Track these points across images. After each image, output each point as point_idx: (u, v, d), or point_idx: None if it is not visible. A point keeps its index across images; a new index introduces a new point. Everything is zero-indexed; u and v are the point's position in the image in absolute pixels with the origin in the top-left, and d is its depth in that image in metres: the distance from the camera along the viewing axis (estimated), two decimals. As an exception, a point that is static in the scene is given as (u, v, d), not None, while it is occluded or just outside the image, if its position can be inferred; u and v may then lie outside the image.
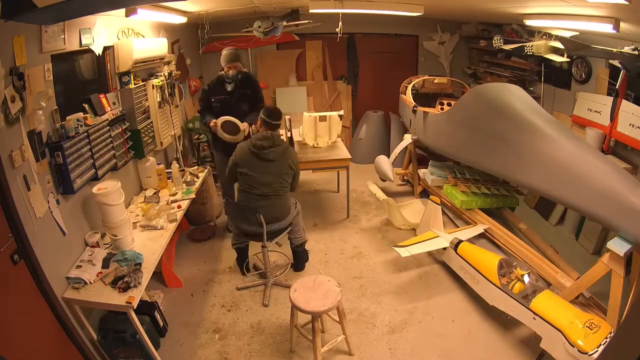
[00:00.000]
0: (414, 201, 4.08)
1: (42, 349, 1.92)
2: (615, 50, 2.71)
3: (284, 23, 3.84)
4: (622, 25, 2.33)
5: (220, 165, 3.49)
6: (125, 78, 3.01)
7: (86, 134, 2.35)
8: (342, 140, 4.30)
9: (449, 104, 4.41)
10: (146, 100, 3.26)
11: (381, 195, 3.93)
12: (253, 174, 2.71)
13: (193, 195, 3.16)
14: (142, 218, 2.79)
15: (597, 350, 1.77)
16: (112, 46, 2.84)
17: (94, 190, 2.31)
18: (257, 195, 2.73)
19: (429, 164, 4.13)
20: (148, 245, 2.50)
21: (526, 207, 4.16)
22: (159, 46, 3.39)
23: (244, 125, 3.27)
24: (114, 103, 2.82)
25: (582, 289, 2.26)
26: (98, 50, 2.60)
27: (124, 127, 2.85)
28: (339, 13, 3.56)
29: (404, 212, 3.74)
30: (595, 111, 3.39)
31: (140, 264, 2.27)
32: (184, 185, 3.30)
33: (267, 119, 2.77)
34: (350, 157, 3.85)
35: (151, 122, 3.30)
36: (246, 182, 2.74)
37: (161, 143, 3.48)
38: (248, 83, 3.42)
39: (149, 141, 3.24)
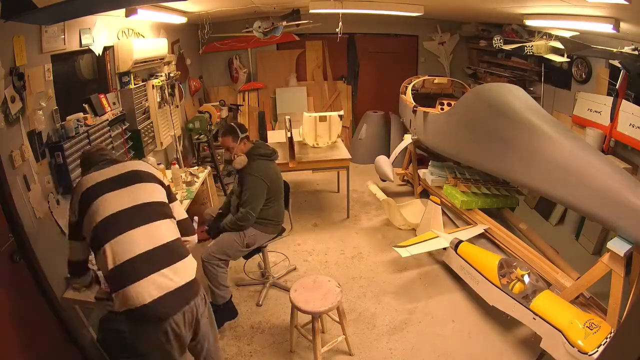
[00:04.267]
0: (414, 201, 4.08)
1: (42, 349, 1.92)
2: (615, 50, 2.71)
3: (284, 23, 3.84)
4: (622, 25, 2.33)
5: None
6: (125, 78, 3.01)
7: (86, 134, 2.36)
8: (342, 140, 4.30)
9: (449, 104, 4.41)
10: (146, 100, 3.26)
11: (381, 195, 3.93)
12: (277, 185, 2.66)
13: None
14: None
15: (597, 351, 1.77)
16: (112, 46, 2.84)
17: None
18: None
19: (429, 164, 4.12)
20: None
21: (526, 207, 4.16)
22: (159, 46, 3.40)
23: None
24: (114, 103, 2.83)
25: (582, 289, 2.25)
26: (98, 50, 2.60)
27: (124, 127, 2.85)
28: (339, 13, 3.56)
29: (404, 212, 3.74)
30: (595, 111, 3.39)
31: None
32: (184, 185, 3.30)
33: (242, 133, 2.57)
34: (350, 157, 3.85)
35: (151, 122, 3.31)
36: (276, 199, 2.66)
37: (161, 143, 3.48)
38: None
39: (149, 141, 3.24)
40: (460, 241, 2.88)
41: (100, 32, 2.60)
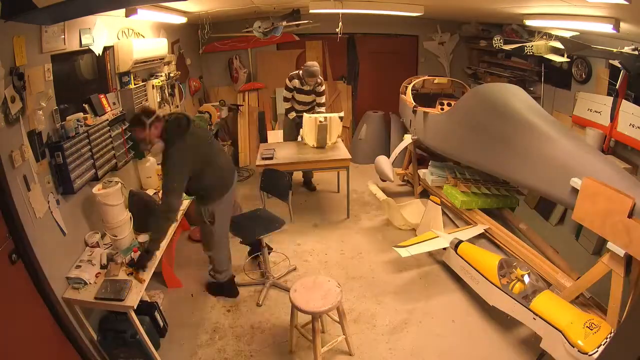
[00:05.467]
0: (414, 201, 4.08)
1: (41, 349, 1.92)
2: (615, 50, 2.71)
3: (284, 23, 3.84)
4: (622, 25, 2.33)
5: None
6: (125, 78, 3.01)
7: (86, 134, 2.35)
8: (342, 140, 4.30)
9: (449, 104, 4.41)
10: (146, 100, 3.26)
11: (381, 195, 3.93)
12: (203, 154, 2.44)
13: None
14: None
15: (597, 351, 1.77)
16: (112, 46, 2.84)
17: (94, 190, 2.31)
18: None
19: (429, 164, 4.12)
20: (148, 245, 2.48)
21: (526, 207, 4.16)
22: (159, 46, 3.39)
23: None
24: (114, 103, 2.82)
25: (582, 289, 2.25)
26: (98, 50, 2.60)
27: (124, 127, 2.85)
28: (339, 13, 3.56)
29: (404, 212, 3.73)
30: (595, 111, 3.39)
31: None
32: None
33: (148, 118, 2.27)
34: (350, 157, 3.85)
35: (151, 122, 3.30)
36: (208, 167, 2.47)
37: (161, 143, 3.48)
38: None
39: (149, 141, 3.23)
40: (460, 241, 2.88)
41: (100, 32, 2.60)
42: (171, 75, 3.74)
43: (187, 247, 3.62)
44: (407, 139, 4.28)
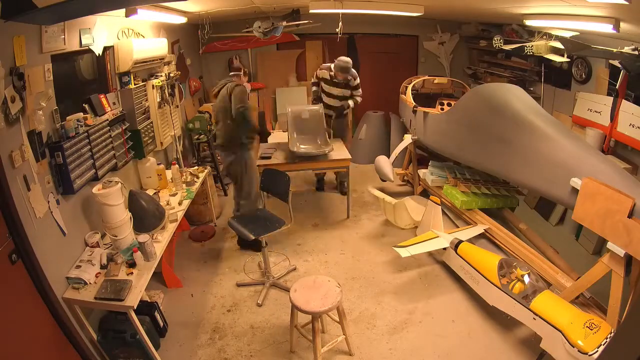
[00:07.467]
0: (406, 199, 4.02)
1: (41, 349, 1.92)
2: (615, 50, 2.70)
3: (284, 23, 3.84)
4: (622, 25, 2.33)
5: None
6: (125, 78, 3.01)
7: (86, 134, 2.35)
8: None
9: (449, 104, 4.41)
10: (146, 100, 3.26)
11: (390, 199, 3.85)
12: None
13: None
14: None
15: (597, 351, 1.77)
16: (112, 46, 2.84)
17: (94, 190, 2.31)
18: None
19: (429, 164, 4.12)
20: (148, 245, 2.48)
21: (526, 207, 4.16)
22: (159, 46, 3.39)
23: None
24: (114, 103, 2.82)
25: (582, 289, 2.25)
26: (98, 50, 2.60)
27: (124, 127, 2.85)
28: (339, 13, 3.56)
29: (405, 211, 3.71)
30: (595, 111, 3.39)
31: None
32: (184, 185, 3.30)
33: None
34: (350, 157, 3.85)
35: (151, 122, 3.30)
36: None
37: (161, 143, 3.48)
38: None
39: (149, 141, 3.24)
40: (460, 241, 2.88)
41: (100, 32, 2.60)
42: (171, 75, 3.74)
43: (187, 247, 3.62)
44: (407, 139, 4.28)
